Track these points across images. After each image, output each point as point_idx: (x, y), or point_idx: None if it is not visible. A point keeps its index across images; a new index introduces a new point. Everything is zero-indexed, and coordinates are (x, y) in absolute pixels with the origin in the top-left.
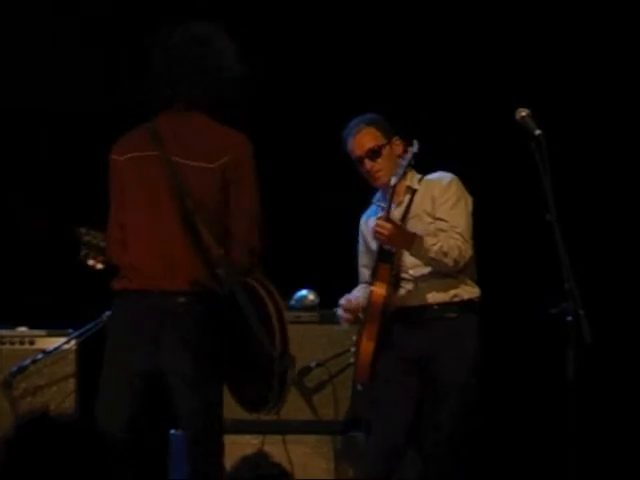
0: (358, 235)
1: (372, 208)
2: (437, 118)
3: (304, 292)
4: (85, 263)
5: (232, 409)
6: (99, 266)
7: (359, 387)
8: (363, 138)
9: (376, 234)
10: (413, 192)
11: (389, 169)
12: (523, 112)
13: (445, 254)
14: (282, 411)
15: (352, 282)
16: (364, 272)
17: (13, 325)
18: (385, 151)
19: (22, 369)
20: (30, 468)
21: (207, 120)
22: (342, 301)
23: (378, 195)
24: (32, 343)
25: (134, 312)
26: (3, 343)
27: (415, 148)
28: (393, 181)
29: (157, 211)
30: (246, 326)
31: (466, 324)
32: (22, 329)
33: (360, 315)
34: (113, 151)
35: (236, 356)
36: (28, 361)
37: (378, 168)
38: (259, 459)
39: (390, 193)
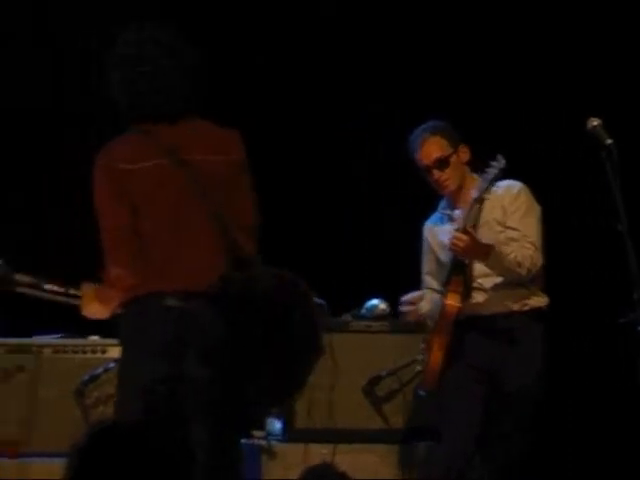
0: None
1: (437, 215)
2: (508, 127)
3: (375, 301)
4: None
5: (304, 419)
6: None
7: (422, 393)
8: (430, 148)
9: (453, 246)
10: (482, 201)
11: (456, 177)
12: (594, 122)
13: (519, 264)
14: (352, 420)
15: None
16: (427, 279)
17: (85, 334)
18: (452, 160)
19: (94, 378)
20: (102, 476)
21: (203, 121)
22: (404, 298)
23: (443, 203)
24: (104, 352)
25: (155, 314)
26: (75, 352)
27: (501, 164)
28: (475, 194)
29: (183, 215)
30: (283, 325)
31: (533, 332)
32: (94, 338)
33: (429, 322)
34: (119, 159)
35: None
36: (100, 370)
37: (446, 177)
38: (324, 469)
39: (471, 205)
